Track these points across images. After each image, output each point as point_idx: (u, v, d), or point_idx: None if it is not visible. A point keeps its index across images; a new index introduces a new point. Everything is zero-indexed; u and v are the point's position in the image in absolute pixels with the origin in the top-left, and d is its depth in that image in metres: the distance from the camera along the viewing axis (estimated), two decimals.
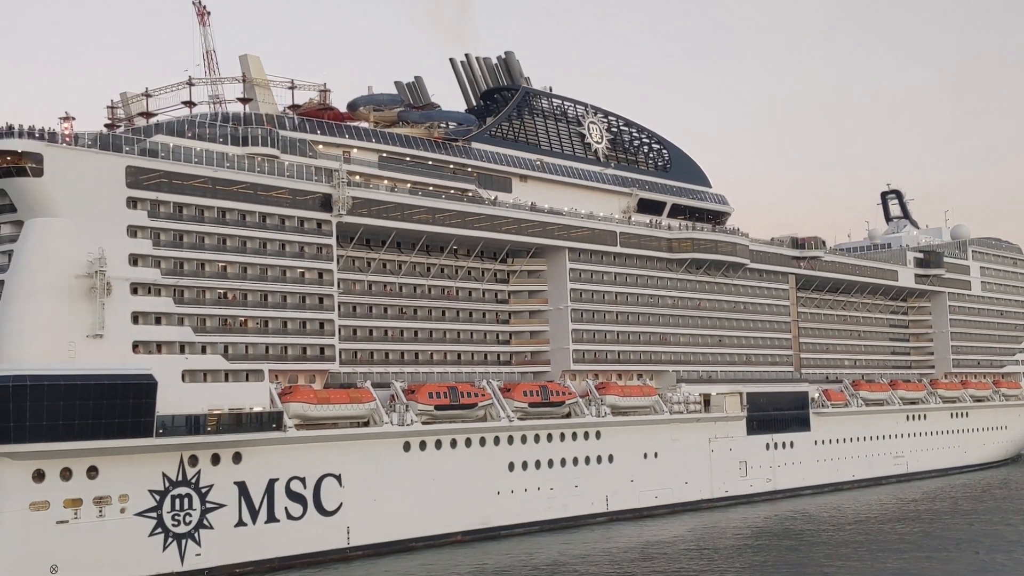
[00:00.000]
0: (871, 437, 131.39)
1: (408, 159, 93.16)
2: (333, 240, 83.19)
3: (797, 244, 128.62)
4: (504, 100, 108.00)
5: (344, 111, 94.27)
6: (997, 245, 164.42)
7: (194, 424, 69.85)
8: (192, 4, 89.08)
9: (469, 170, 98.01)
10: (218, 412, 71.83)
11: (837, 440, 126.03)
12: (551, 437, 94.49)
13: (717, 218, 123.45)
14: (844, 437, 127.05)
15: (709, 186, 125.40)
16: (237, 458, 73.31)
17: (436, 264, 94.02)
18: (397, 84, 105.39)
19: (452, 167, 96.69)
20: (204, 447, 71.24)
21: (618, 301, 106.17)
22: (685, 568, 75.77)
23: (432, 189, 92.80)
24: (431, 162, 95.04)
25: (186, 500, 70.57)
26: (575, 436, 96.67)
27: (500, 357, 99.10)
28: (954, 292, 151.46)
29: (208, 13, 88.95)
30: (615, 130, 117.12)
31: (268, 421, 74.42)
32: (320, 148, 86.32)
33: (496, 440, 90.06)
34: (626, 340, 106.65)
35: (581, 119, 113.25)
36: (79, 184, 68.57)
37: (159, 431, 67.85)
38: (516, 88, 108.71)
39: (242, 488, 73.38)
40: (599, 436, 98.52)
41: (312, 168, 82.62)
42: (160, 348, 71.98)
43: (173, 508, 69.87)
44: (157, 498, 69.28)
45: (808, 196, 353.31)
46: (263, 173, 79.25)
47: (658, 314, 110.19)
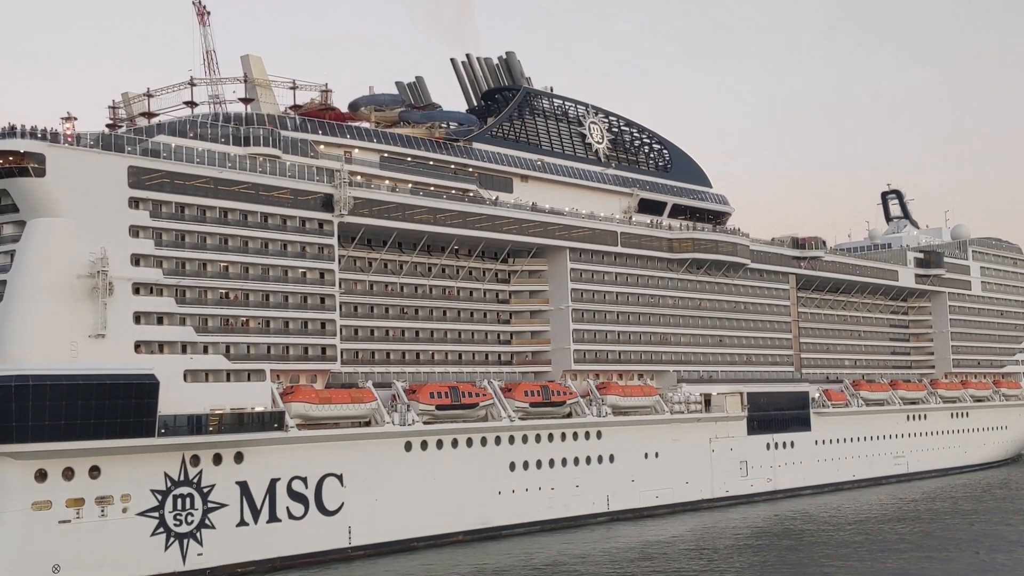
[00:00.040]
0: (871, 437, 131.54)
1: (409, 159, 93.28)
2: (334, 240, 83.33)
3: (797, 244, 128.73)
4: (505, 100, 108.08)
5: (345, 111, 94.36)
6: (997, 245, 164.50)
7: (196, 424, 69.95)
8: (192, 4, 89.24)
9: (470, 170, 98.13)
10: (220, 412, 71.94)
11: (837, 440, 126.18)
12: (552, 437, 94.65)
13: (718, 218, 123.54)
14: (844, 437, 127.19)
15: (710, 186, 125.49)
16: (239, 458, 73.47)
17: (437, 264, 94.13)
18: (398, 84, 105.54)
19: (453, 167, 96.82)
20: (206, 447, 71.37)
21: (619, 301, 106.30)
22: (685, 568, 75.88)
23: (433, 189, 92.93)
24: (432, 162, 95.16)
25: (188, 500, 70.69)
26: (576, 436, 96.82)
27: (501, 357, 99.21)
28: (954, 292, 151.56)
29: (208, 13, 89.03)
30: (616, 130, 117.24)
31: (270, 421, 74.56)
32: (321, 148, 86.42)
33: (497, 440, 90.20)
34: (627, 340, 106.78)
35: (582, 119, 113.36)
36: (81, 184, 68.64)
37: (161, 431, 67.96)
38: (517, 88, 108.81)
39: (244, 488, 73.50)
40: (600, 436, 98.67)
41: (313, 168, 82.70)
42: (162, 348, 72.09)
43: (175, 508, 69.99)
44: (159, 498, 69.38)
45: (808, 196, 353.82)
46: (265, 173, 79.34)
47: (659, 314, 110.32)
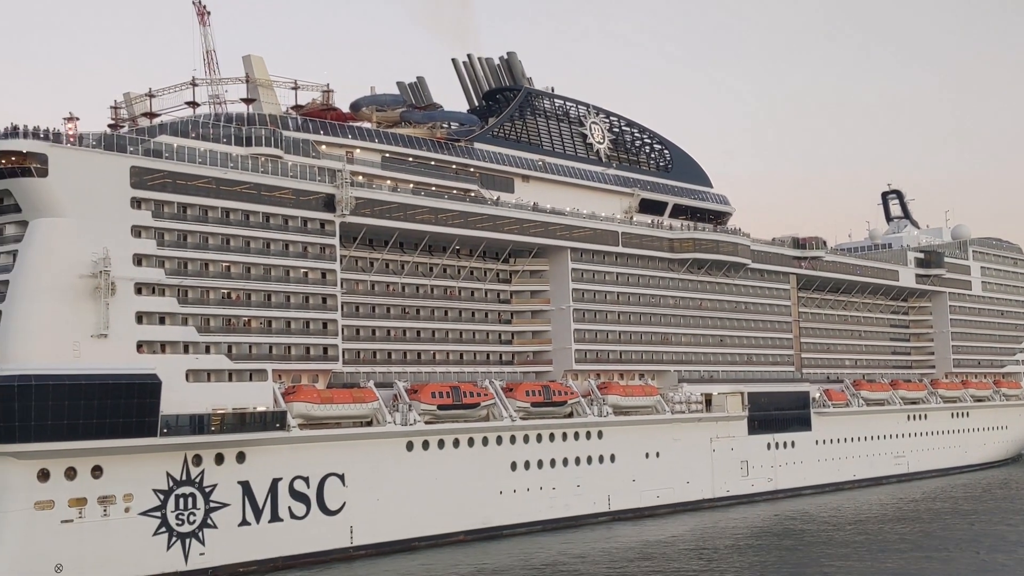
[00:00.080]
0: (872, 437, 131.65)
1: (411, 159, 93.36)
2: (336, 240, 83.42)
3: (798, 244, 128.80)
4: (506, 100, 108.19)
5: (347, 111, 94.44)
6: (998, 245, 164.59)
7: (198, 424, 70.08)
8: (192, 4, 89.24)
9: (471, 170, 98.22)
10: (222, 412, 72.03)
11: (838, 440, 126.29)
12: (553, 437, 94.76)
13: (718, 218, 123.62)
14: (845, 437, 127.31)
15: (710, 186, 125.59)
16: (241, 457, 73.60)
17: (439, 264, 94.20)
18: (399, 84, 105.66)
19: (454, 167, 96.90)
20: (208, 447, 71.49)
21: (620, 301, 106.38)
22: (684, 568, 75.98)
23: (435, 189, 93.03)
24: (433, 162, 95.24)
25: (190, 499, 70.82)
26: (577, 436, 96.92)
27: (502, 357, 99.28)
28: (955, 292, 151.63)
29: (208, 13, 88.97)
30: (617, 130, 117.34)
31: (272, 421, 74.67)
32: (323, 148, 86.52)
33: (498, 440, 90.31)
34: (628, 340, 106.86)
35: (583, 119, 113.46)
36: (83, 184, 68.67)
37: (163, 431, 68.08)
38: (518, 88, 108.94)
39: (246, 487, 73.63)
40: (601, 436, 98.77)
41: (315, 168, 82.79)
42: (164, 348, 72.13)
43: (177, 507, 70.12)
44: (161, 497, 69.51)
45: (809, 196, 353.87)
46: (267, 173, 79.40)
47: (660, 314, 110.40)
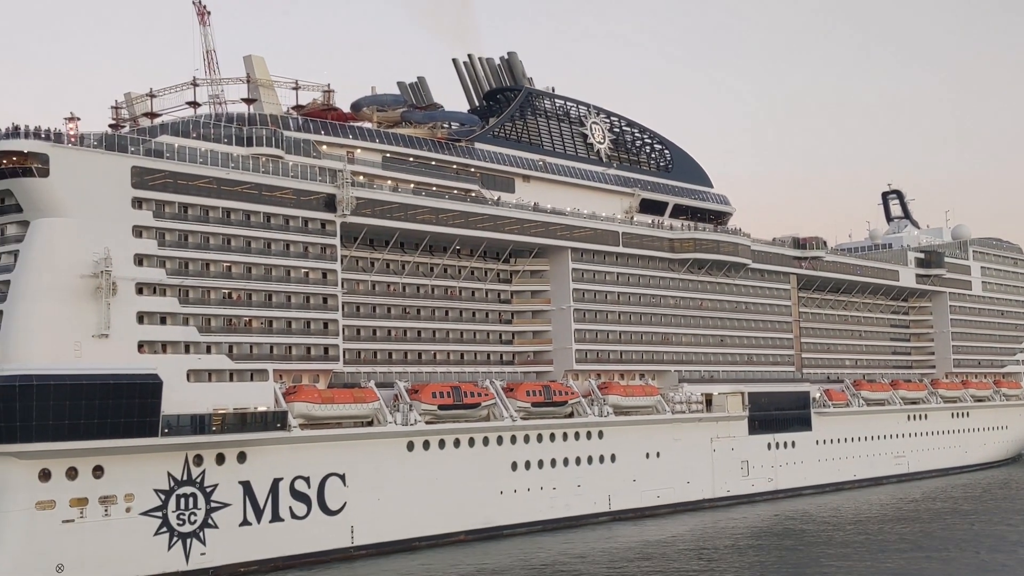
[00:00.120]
0: (872, 437, 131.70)
1: (411, 159, 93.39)
2: (337, 240, 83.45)
3: (798, 244, 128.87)
4: (507, 100, 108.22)
5: (348, 111, 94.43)
6: (998, 245, 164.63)
7: (199, 424, 70.13)
8: (192, 4, 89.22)
9: (472, 170, 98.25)
10: (223, 412, 72.09)
11: (838, 440, 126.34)
12: (554, 437, 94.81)
13: (719, 218, 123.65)
14: (845, 437, 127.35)
15: (711, 186, 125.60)
16: (242, 457, 73.65)
17: (439, 264, 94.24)
18: (400, 85, 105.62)
19: (455, 167, 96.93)
20: (209, 447, 71.54)
21: (620, 301, 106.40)
22: (684, 568, 76.03)
23: (435, 189, 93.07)
24: (434, 162, 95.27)
25: (191, 499, 70.87)
26: (578, 436, 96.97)
27: (503, 357, 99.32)
28: (955, 292, 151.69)
29: (208, 13, 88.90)
30: (617, 130, 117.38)
31: (272, 421, 74.71)
32: (324, 148, 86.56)
33: (499, 440, 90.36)
34: (628, 340, 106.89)
35: (583, 119, 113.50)
36: (85, 184, 68.71)
37: (164, 431, 68.12)
38: (519, 89, 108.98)
39: (247, 487, 73.70)
40: (601, 436, 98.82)
41: (316, 168, 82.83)
42: (165, 348, 72.21)
43: (178, 507, 70.18)
44: (162, 497, 69.57)
45: (809, 196, 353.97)
46: (267, 173, 79.45)
47: (660, 314, 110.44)
